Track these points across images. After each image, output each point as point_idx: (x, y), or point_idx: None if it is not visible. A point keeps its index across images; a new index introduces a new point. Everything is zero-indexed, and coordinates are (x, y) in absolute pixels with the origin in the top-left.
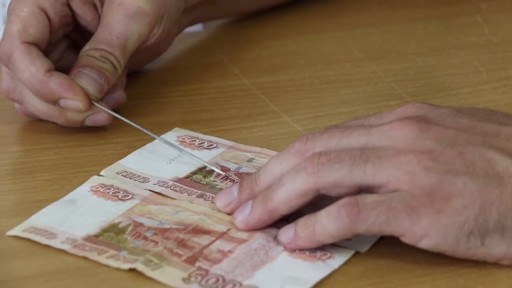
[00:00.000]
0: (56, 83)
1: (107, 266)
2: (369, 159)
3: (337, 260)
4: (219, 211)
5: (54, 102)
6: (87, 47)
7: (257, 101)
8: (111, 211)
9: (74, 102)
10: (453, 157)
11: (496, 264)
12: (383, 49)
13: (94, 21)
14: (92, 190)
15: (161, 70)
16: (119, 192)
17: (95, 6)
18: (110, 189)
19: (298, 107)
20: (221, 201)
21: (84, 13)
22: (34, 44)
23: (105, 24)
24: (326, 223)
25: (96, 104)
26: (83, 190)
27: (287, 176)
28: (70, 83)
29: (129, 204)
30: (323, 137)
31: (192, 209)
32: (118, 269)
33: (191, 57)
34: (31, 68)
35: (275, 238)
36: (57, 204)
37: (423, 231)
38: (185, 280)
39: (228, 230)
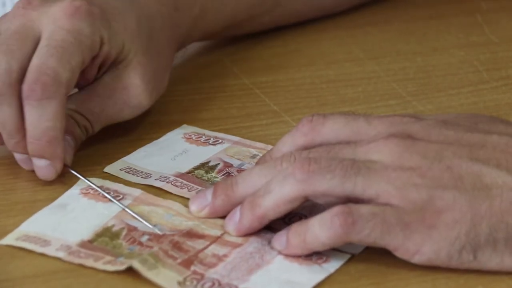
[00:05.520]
0: (63, 148)
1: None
2: (360, 171)
3: (333, 263)
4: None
5: (38, 156)
6: (73, 106)
7: (257, 100)
8: (103, 213)
9: (53, 170)
10: (441, 172)
11: None
12: (383, 48)
13: (88, 80)
14: (82, 193)
15: None
16: (110, 193)
17: (100, 69)
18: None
19: (298, 107)
20: (195, 205)
21: (91, 72)
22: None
23: (102, 96)
24: (318, 231)
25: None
26: (73, 193)
27: (274, 181)
28: (69, 153)
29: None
30: (311, 159)
31: (184, 215)
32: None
33: (191, 57)
34: (57, 123)
35: (270, 241)
36: (47, 209)
37: (415, 247)
38: (181, 283)
39: (222, 234)
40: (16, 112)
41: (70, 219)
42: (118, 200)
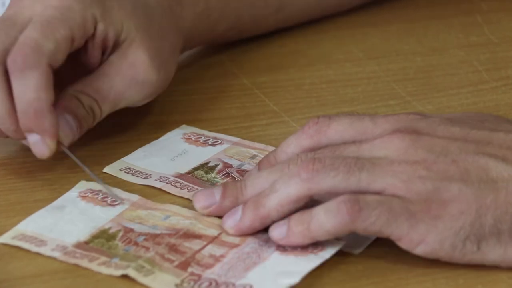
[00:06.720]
0: (52, 121)
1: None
2: (364, 167)
3: (329, 250)
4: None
5: (29, 131)
6: (79, 87)
7: (256, 100)
8: (100, 217)
9: (45, 146)
10: (447, 165)
11: None
12: (383, 48)
13: (94, 64)
14: (81, 196)
15: None
16: (108, 197)
17: (104, 51)
18: (98, 194)
19: (298, 107)
20: (201, 202)
21: (93, 55)
22: (52, 71)
23: (108, 75)
24: (324, 219)
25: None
26: (72, 195)
27: (279, 182)
28: (58, 128)
29: (118, 209)
30: (317, 155)
31: (182, 214)
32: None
33: (191, 57)
34: (42, 94)
35: (267, 241)
36: (45, 210)
37: (420, 237)
38: (178, 286)
39: (219, 234)
40: (4, 93)
41: (67, 220)
42: (116, 205)
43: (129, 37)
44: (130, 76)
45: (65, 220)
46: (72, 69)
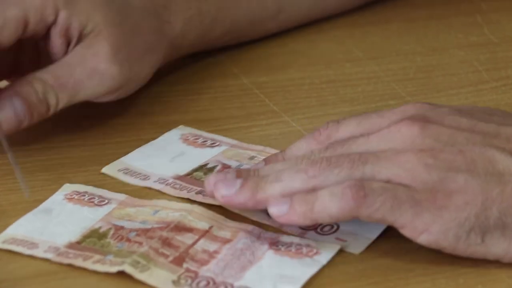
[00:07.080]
0: None
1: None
2: (368, 160)
3: (324, 255)
4: (199, 205)
5: None
6: (38, 73)
7: (256, 100)
8: (89, 217)
9: None
10: (454, 155)
11: (495, 264)
12: (383, 48)
13: (57, 54)
14: (67, 198)
15: (160, 70)
16: (95, 198)
17: (69, 43)
18: (84, 195)
19: (298, 107)
20: (221, 191)
21: (55, 44)
22: None
23: (70, 64)
24: (328, 202)
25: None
26: (58, 198)
27: (286, 173)
28: (8, 116)
29: (106, 209)
30: (327, 153)
31: (170, 207)
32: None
33: (191, 57)
34: None
35: (259, 237)
36: (32, 214)
37: (424, 226)
38: (175, 282)
39: (210, 228)
40: None
41: (56, 223)
42: (104, 205)
43: (96, 29)
44: (91, 66)
45: (54, 223)
46: (37, 59)
